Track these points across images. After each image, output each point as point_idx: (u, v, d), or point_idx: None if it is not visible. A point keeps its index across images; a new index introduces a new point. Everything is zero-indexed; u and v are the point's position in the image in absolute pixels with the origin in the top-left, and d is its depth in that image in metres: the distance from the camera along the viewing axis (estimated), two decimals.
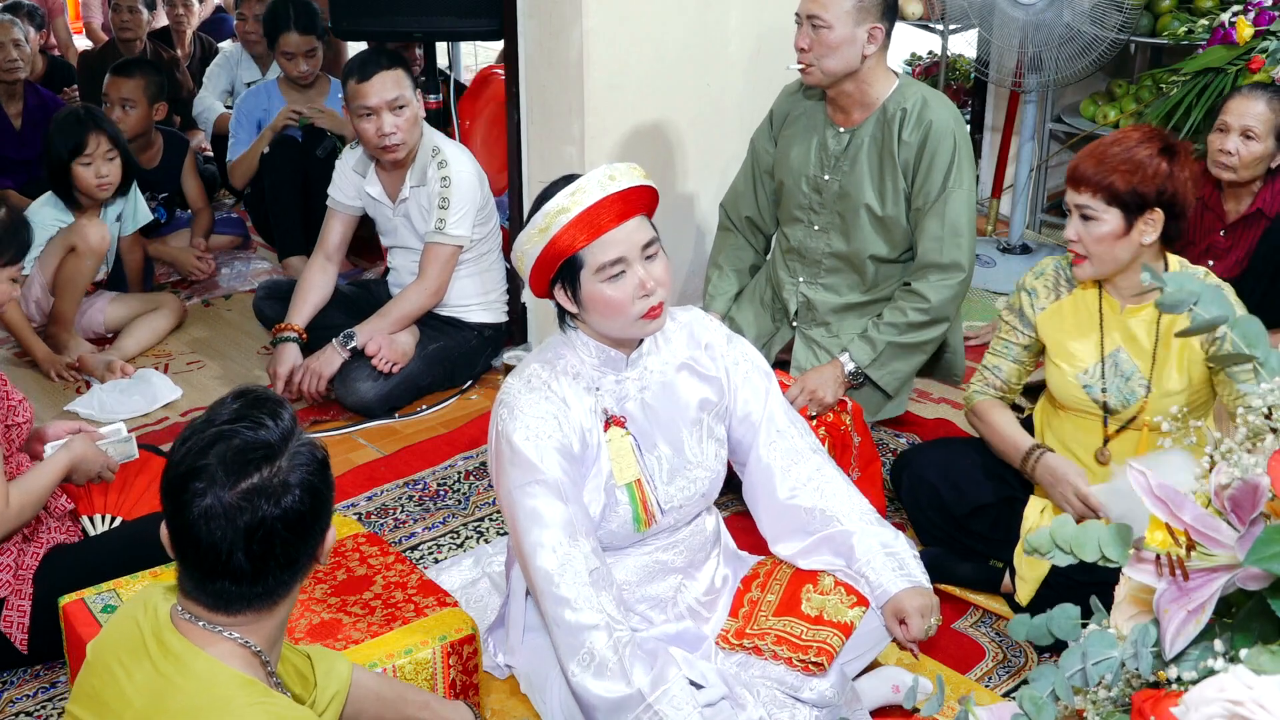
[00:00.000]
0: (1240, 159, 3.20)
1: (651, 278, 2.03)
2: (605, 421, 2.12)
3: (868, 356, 2.92)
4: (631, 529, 2.15)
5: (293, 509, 1.45)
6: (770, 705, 2.10)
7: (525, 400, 2.07)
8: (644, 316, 2.04)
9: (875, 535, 2.22)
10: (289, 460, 1.46)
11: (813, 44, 2.80)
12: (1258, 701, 1.04)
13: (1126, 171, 2.31)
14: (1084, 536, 1.26)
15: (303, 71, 4.51)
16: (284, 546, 1.45)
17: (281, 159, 4.35)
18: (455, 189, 3.42)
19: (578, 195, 1.99)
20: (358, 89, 3.33)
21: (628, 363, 2.15)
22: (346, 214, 3.66)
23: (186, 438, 1.47)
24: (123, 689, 1.48)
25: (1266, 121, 3.18)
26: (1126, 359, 2.47)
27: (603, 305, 2.03)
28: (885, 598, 2.17)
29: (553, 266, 2.04)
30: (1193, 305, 1.32)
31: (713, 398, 2.22)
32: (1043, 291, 2.57)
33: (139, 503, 2.66)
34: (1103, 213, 2.34)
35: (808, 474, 2.25)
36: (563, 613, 1.99)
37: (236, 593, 1.46)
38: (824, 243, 3.02)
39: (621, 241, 2.00)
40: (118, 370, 3.65)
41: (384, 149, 3.38)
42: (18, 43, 4.84)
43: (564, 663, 2.00)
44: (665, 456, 2.17)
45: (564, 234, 1.99)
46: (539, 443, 2.04)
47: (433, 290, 3.51)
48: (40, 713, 2.36)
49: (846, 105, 2.94)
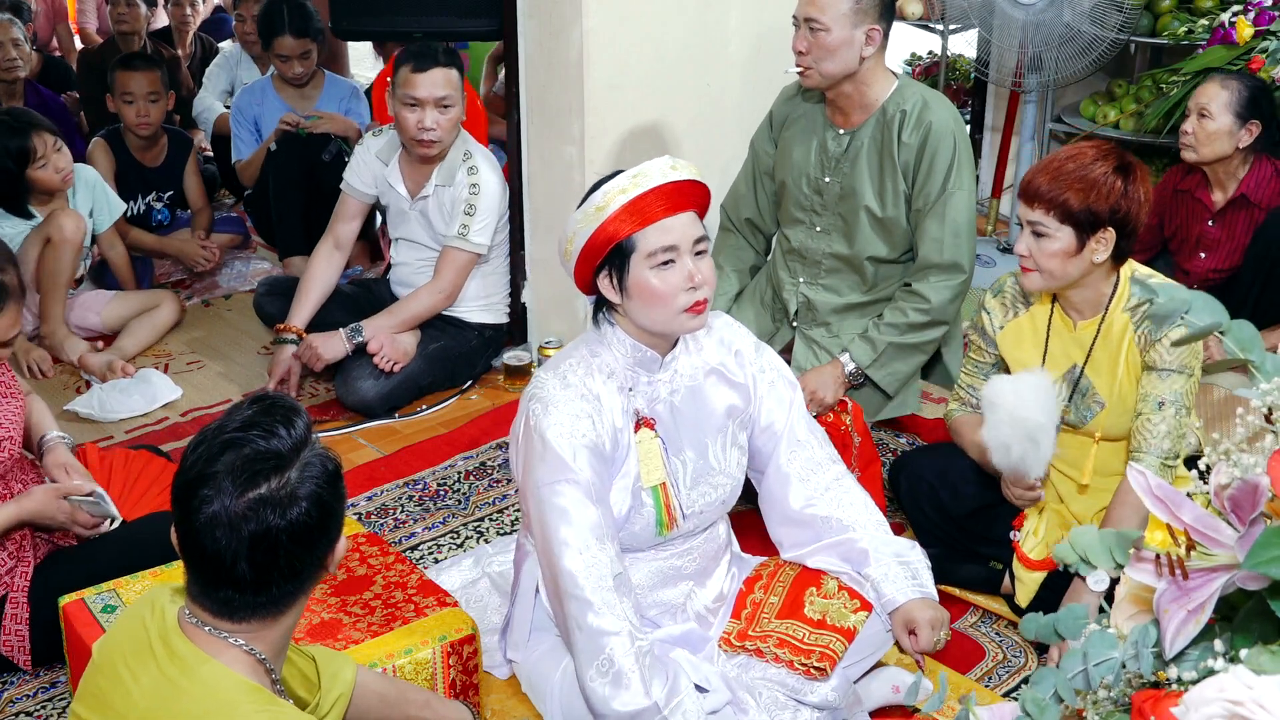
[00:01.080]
0: (1196, 137, 3.32)
1: (700, 272, 2.03)
2: (636, 422, 2.11)
3: (868, 357, 2.92)
4: (654, 532, 2.14)
5: (299, 521, 1.44)
6: (772, 708, 2.10)
7: (561, 396, 2.05)
8: (688, 310, 2.03)
9: (890, 545, 2.22)
10: (299, 471, 1.45)
11: (811, 47, 2.80)
12: (1258, 701, 1.04)
13: (1080, 190, 2.29)
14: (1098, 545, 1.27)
15: (297, 74, 4.51)
16: (288, 558, 1.45)
17: (286, 157, 4.35)
18: (483, 198, 3.43)
19: (639, 178, 2.00)
20: (410, 78, 3.32)
21: (662, 364, 2.14)
22: (360, 200, 3.64)
23: (198, 443, 1.46)
24: (128, 691, 1.48)
25: (1219, 99, 3.30)
26: (1082, 375, 2.46)
27: (649, 294, 2.02)
28: (894, 606, 2.17)
29: (603, 250, 2.02)
30: (1184, 314, 1.32)
31: (740, 405, 2.22)
32: (999, 310, 2.57)
33: (140, 503, 2.66)
34: (1055, 230, 2.32)
35: (825, 484, 2.25)
36: (586, 616, 1.98)
37: (241, 601, 1.46)
38: (824, 244, 3.02)
39: (676, 230, 2.01)
40: (119, 370, 3.65)
41: (420, 142, 3.37)
42: (17, 41, 4.84)
43: (581, 668, 1.98)
44: (690, 461, 2.17)
45: (620, 214, 1.99)
46: (573, 441, 2.02)
47: (446, 294, 3.51)
48: (40, 713, 2.36)
49: (846, 107, 2.94)
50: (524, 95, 3.56)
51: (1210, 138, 3.29)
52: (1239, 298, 3.29)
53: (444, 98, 3.33)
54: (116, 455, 2.78)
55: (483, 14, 3.63)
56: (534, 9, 3.44)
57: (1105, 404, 2.44)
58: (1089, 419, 2.47)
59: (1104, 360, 2.44)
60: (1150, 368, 2.37)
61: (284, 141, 4.35)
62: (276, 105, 4.58)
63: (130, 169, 4.39)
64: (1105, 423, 2.45)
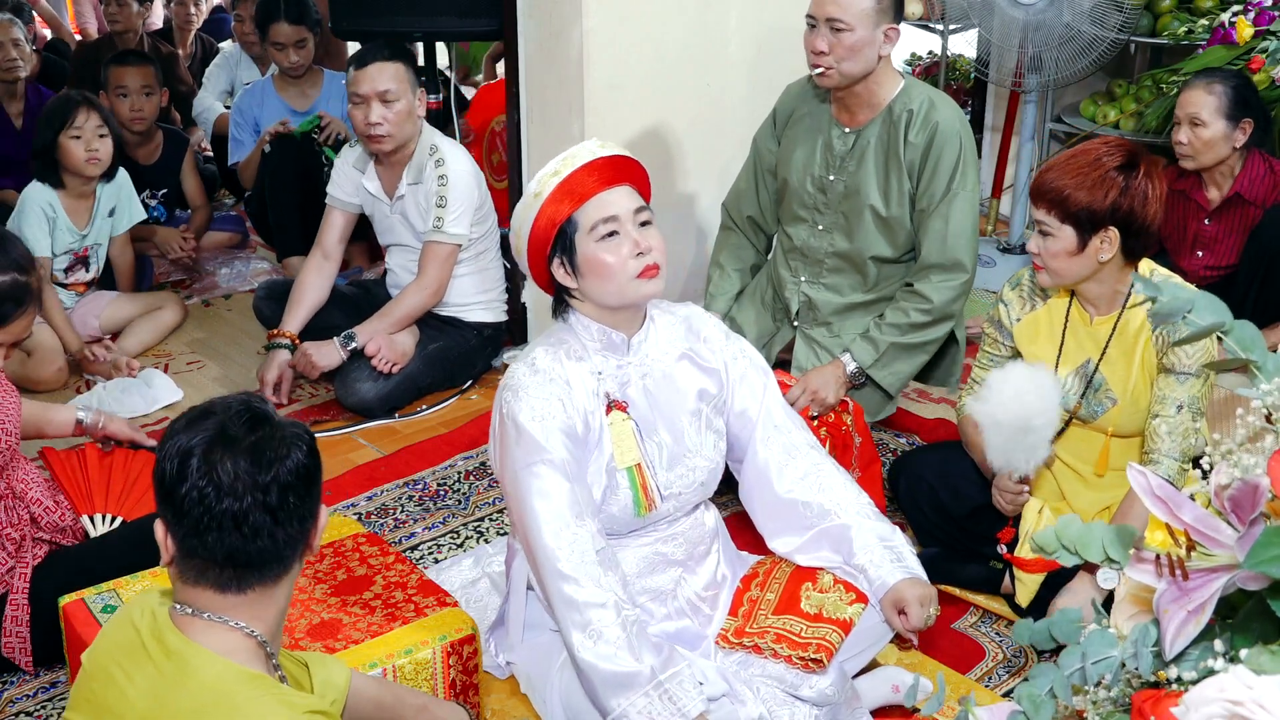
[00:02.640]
0: (1193, 146, 3.35)
1: (646, 239, 2.07)
2: (607, 405, 2.14)
3: (870, 357, 2.92)
4: (632, 513, 2.16)
5: (300, 462, 1.48)
6: (770, 703, 2.10)
7: (530, 382, 2.09)
8: (640, 275, 2.07)
9: (873, 529, 2.23)
10: (279, 427, 1.50)
11: (833, 46, 2.78)
12: (1258, 701, 1.04)
13: (1081, 189, 2.28)
14: (1088, 537, 1.27)
15: (293, 62, 4.51)
16: (297, 497, 1.47)
17: (280, 159, 4.35)
18: (453, 187, 3.43)
19: (567, 160, 2.08)
20: (353, 75, 3.38)
21: (630, 347, 2.17)
22: (345, 210, 3.66)
23: (169, 436, 1.50)
24: (124, 692, 1.47)
25: (1208, 105, 3.31)
26: (1096, 370, 2.46)
27: (600, 267, 2.06)
28: (884, 590, 2.17)
29: (548, 236, 2.08)
30: (1186, 313, 1.32)
31: (712, 389, 2.25)
32: (1017, 302, 2.57)
33: (140, 503, 2.66)
34: (1057, 230, 2.33)
35: (804, 469, 2.26)
36: (563, 587, 1.99)
37: (249, 556, 1.46)
38: (827, 242, 3.02)
39: (613, 202, 2.07)
40: (124, 367, 3.66)
41: (371, 138, 3.40)
42: (17, 41, 4.83)
43: (569, 639, 2.00)
44: (665, 444, 2.19)
45: (556, 195, 2.05)
46: (545, 423, 2.06)
47: (432, 290, 3.51)
48: (40, 713, 2.36)
49: (854, 106, 2.94)
50: (524, 95, 3.56)
51: (1208, 145, 3.32)
52: (1237, 296, 3.30)
53: (386, 91, 3.34)
54: (116, 455, 2.79)
55: (483, 14, 3.63)
56: (534, 9, 3.44)
57: (1118, 400, 2.44)
58: (1100, 414, 2.46)
59: (1119, 357, 2.44)
60: (1169, 370, 2.36)
61: (278, 143, 4.36)
62: (277, 105, 4.58)
63: (125, 166, 4.38)
64: (1117, 419, 2.45)
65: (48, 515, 2.50)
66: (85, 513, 2.64)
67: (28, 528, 2.46)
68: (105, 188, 3.89)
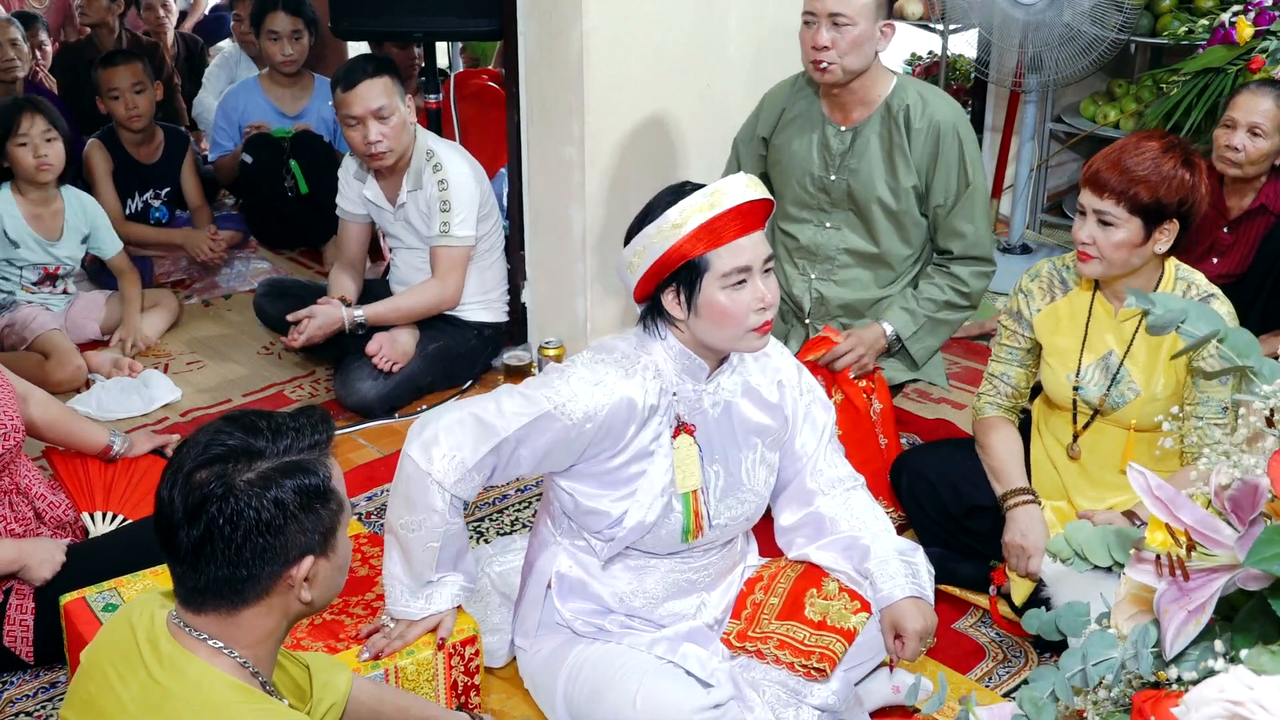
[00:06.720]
0: (1247, 155, 3.21)
1: (769, 293, 2.02)
2: (676, 427, 2.11)
3: (910, 328, 2.97)
4: (678, 538, 2.15)
5: (242, 509, 1.41)
6: (775, 705, 2.11)
7: (614, 372, 2.05)
8: (756, 330, 2.02)
9: (894, 543, 2.24)
10: (269, 469, 1.45)
11: (835, 41, 2.80)
12: (1258, 702, 1.04)
13: (1152, 183, 2.31)
14: (1094, 542, 1.27)
15: (288, 54, 4.50)
16: (225, 543, 1.42)
17: (260, 170, 4.43)
18: (454, 191, 3.42)
19: (717, 196, 1.98)
20: (343, 98, 3.32)
21: (709, 375, 2.13)
22: (356, 222, 3.67)
23: (185, 441, 1.50)
24: (118, 695, 1.47)
25: (1273, 118, 3.19)
26: (1119, 363, 2.47)
27: (719, 314, 2.00)
28: (888, 601, 2.17)
29: (673, 267, 2.00)
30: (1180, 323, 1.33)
31: (774, 426, 2.22)
32: (1038, 293, 2.58)
33: (140, 503, 2.67)
34: (1124, 221, 2.34)
35: (839, 493, 2.28)
36: (412, 446, 2.01)
37: (185, 578, 1.46)
38: (838, 239, 3.03)
39: (748, 251, 1.99)
40: (125, 368, 3.66)
41: (371, 156, 3.38)
42: (14, 41, 4.83)
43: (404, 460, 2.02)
44: (721, 474, 2.17)
45: (697, 234, 1.96)
46: (590, 395, 2.01)
47: (450, 293, 3.51)
48: (40, 713, 2.36)
49: (848, 103, 2.94)
50: (524, 95, 3.56)
51: (1263, 156, 3.21)
52: (1247, 298, 3.27)
53: (380, 108, 3.31)
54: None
55: (483, 14, 3.63)
56: (534, 9, 3.44)
57: (1140, 392, 2.45)
58: (1122, 405, 2.47)
59: (1144, 352, 2.45)
60: (1208, 374, 2.35)
61: (255, 148, 4.37)
62: (264, 107, 4.59)
63: (127, 167, 4.38)
64: (1139, 411, 2.45)
65: (51, 510, 2.50)
66: (86, 510, 2.64)
67: (32, 523, 2.46)
68: (73, 207, 3.81)
